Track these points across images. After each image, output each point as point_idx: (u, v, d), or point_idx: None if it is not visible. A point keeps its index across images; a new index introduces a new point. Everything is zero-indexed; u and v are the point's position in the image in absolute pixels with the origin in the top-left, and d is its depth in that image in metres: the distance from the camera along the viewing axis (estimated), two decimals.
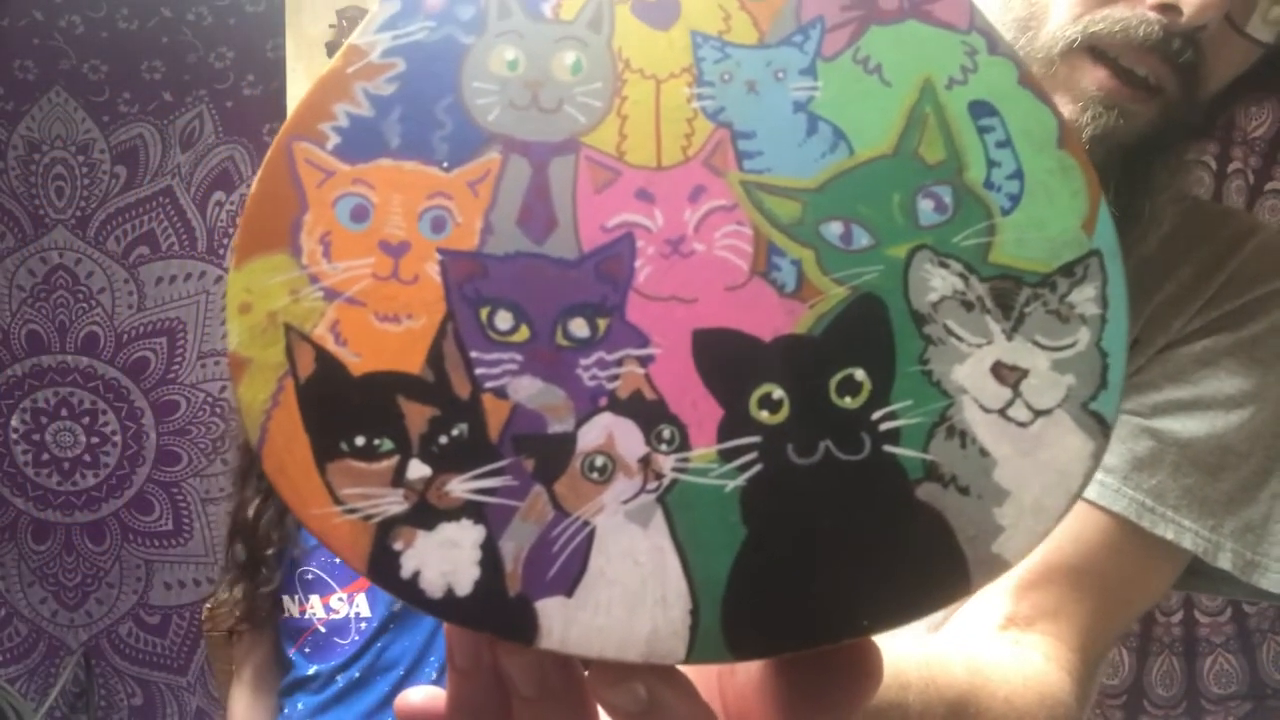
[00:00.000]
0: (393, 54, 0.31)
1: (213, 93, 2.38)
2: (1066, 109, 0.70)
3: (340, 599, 1.73)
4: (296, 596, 1.74)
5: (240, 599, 1.73)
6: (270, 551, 1.72)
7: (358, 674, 1.71)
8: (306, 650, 1.74)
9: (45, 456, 2.49)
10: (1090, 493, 0.75)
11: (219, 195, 2.40)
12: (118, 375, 2.45)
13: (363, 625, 1.73)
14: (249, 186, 0.39)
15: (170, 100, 2.37)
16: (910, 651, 0.60)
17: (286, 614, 1.74)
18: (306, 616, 1.73)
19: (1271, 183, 2.38)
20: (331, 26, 2.26)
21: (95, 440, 2.48)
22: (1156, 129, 0.72)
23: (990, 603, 0.75)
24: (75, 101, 2.37)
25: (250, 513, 1.71)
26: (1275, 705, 2.46)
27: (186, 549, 2.47)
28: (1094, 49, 0.69)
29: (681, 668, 0.31)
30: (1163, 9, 0.67)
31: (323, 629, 1.73)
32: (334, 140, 0.30)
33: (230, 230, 2.38)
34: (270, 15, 2.34)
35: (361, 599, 1.73)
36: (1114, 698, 2.45)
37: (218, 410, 2.43)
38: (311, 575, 1.73)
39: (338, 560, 1.69)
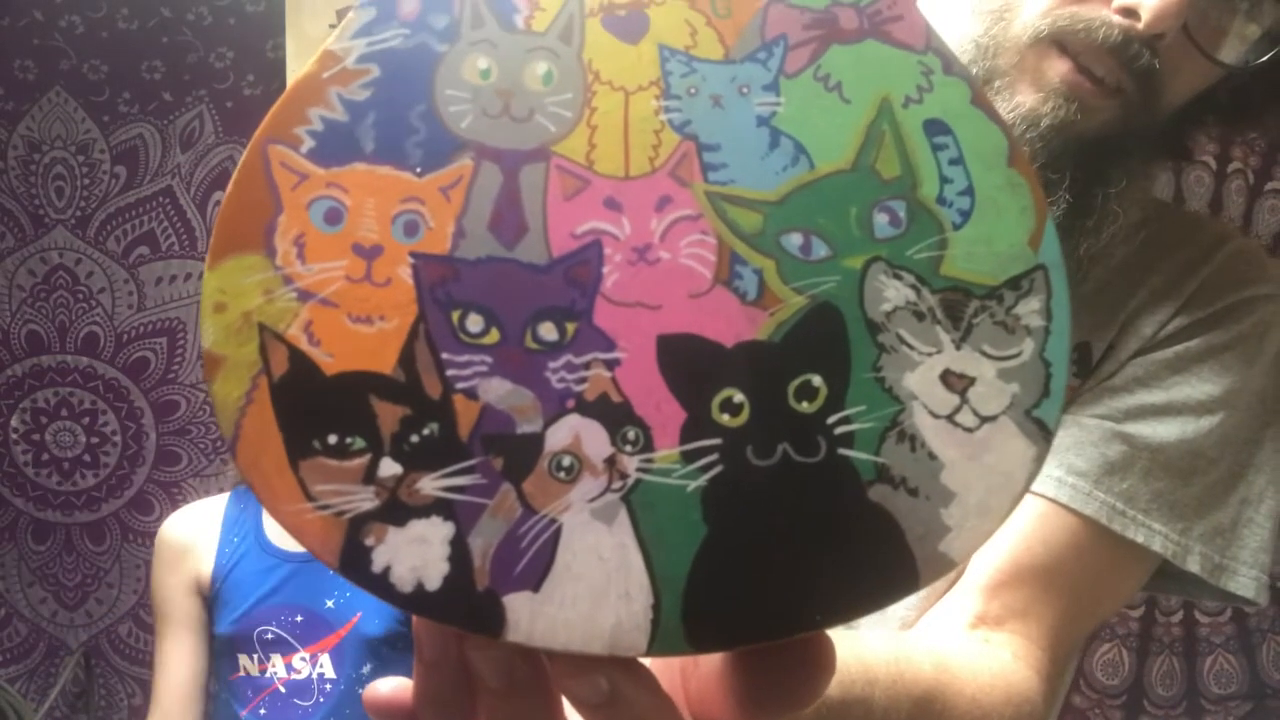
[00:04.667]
0: (368, 60, 0.32)
1: (213, 93, 2.38)
2: (1030, 98, 0.72)
3: (303, 659, 1.69)
4: (255, 655, 1.69)
5: None
6: None
7: None
8: (262, 712, 1.69)
9: (45, 456, 2.49)
10: (1062, 496, 0.76)
11: (219, 195, 2.40)
12: (118, 375, 2.46)
13: (327, 687, 1.68)
14: None
15: (170, 100, 2.38)
16: (879, 648, 0.61)
17: (243, 672, 1.69)
18: (267, 675, 1.68)
19: (1271, 183, 2.38)
20: (331, 26, 2.26)
21: (95, 440, 2.48)
22: (1116, 129, 0.73)
23: (961, 602, 0.76)
24: (75, 101, 2.37)
25: None
26: (1275, 705, 2.46)
27: None
28: (1059, 42, 0.71)
29: (645, 660, 0.32)
30: (1125, 12, 0.68)
31: (283, 689, 1.68)
32: (309, 144, 0.31)
33: None
34: (270, 15, 2.34)
35: (326, 660, 1.69)
36: (1114, 698, 2.45)
37: None
38: (271, 635, 1.69)
39: (299, 619, 1.64)
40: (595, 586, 0.30)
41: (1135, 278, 0.81)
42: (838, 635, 0.32)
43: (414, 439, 0.30)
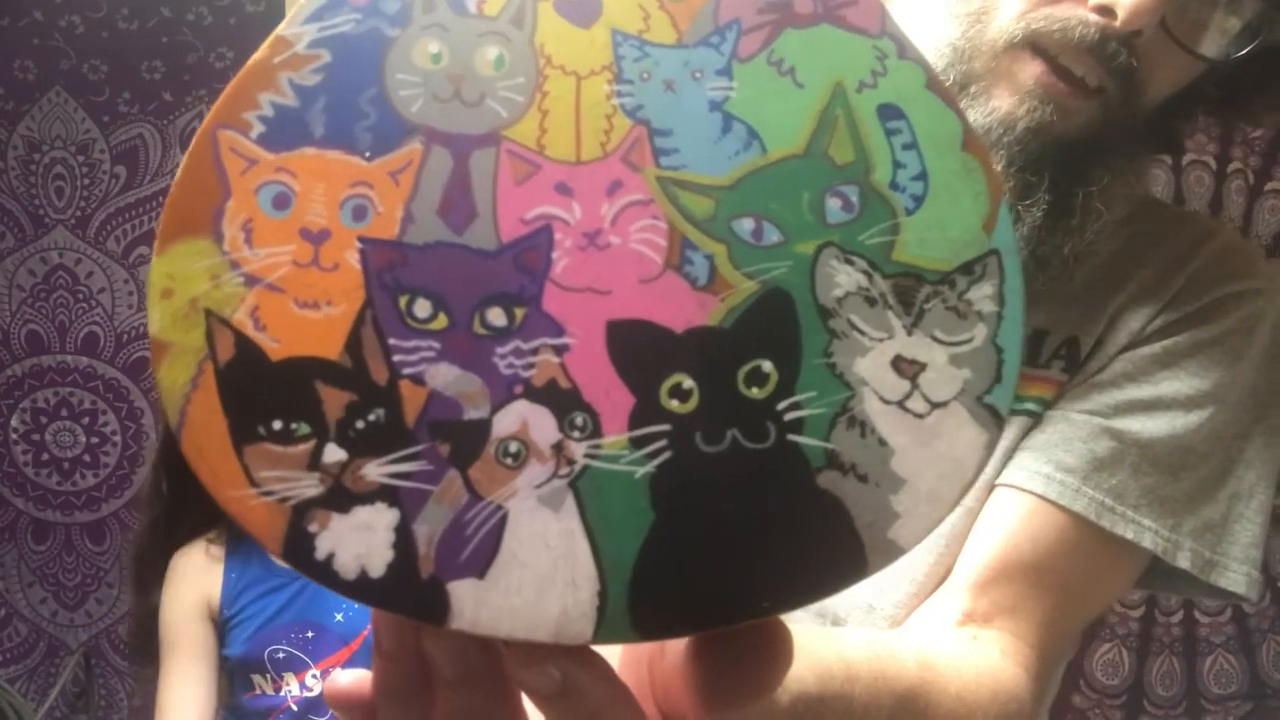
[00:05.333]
0: (319, 45, 0.32)
1: (213, 93, 2.38)
2: (1006, 101, 0.72)
3: (314, 676, 1.69)
4: (269, 675, 1.69)
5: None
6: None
7: None
8: None
9: (45, 456, 2.49)
10: (1050, 492, 0.76)
11: None
12: (118, 375, 2.46)
13: None
14: None
15: (170, 100, 2.38)
16: (861, 644, 0.60)
17: (258, 691, 1.69)
18: (281, 694, 1.68)
19: (1271, 183, 2.38)
20: None
21: (95, 440, 2.48)
22: (1096, 129, 0.73)
23: (949, 599, 0.75)
24: (75, 101, 2.38)
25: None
26: (1275, 705, 2.45)
27: None
28: (1035, 45, 0.71)
29: (614, 650, 0.32)
30: (1102, 11, 0.68)
31: (295, 707, 1.68)
32: (258, 129, 0.31)
33: None
34: (270, 15, 2.35)
35: None
36: (1114, 698, 2.44)
37: None
38: (283, 654, 1.68)
39: (310, 635, 1.62)
40: (541, 574, 0.30)
41: (1122, 273, 0.81)
42: (821, 632, 0.32)
43: (360, 425, 0.30)
